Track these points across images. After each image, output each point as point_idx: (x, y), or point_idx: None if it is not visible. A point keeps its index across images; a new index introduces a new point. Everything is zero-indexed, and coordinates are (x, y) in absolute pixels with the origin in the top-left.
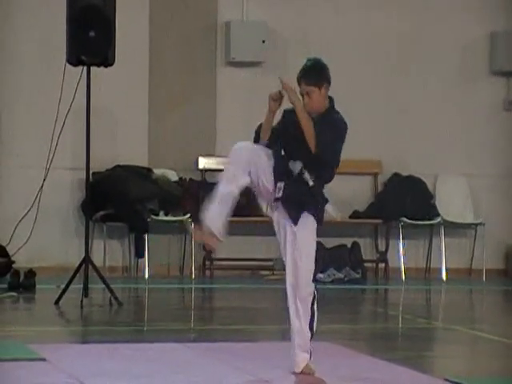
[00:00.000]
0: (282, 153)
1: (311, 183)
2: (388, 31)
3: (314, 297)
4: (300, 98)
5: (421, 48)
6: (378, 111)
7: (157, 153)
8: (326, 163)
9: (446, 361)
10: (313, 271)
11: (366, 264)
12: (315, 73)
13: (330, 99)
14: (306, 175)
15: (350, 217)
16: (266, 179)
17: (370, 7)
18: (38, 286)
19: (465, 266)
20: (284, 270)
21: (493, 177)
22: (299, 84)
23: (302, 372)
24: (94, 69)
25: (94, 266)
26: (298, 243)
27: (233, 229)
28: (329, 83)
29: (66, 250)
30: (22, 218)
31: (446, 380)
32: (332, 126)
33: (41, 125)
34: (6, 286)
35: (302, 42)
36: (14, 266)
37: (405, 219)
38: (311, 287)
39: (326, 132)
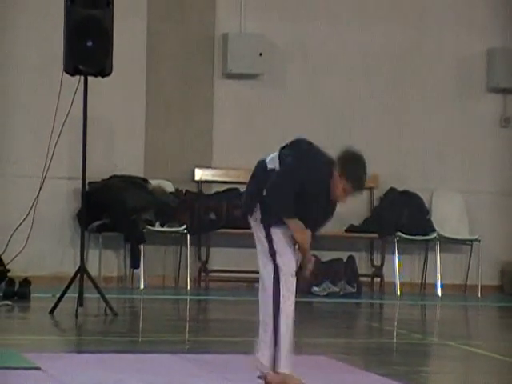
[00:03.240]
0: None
1: None
2: (386, 46)
3: None
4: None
5: (418, 63)
6: (374, 125)
7: (153, 163)
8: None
9: (441, 376)
10: None
11: (361, 278)
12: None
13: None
14: None
15: (346, 231)
16: None
17: (368, 22)
18: (32, 295)
19: (460, 282)
20: None
21: (489, 193)
22: (345, 181)
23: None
24: (91, 79)
25: (90, 276)
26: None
27: (228, 241)
28: None
29: (62, 260)
30: (18, 227)
31: None
32: None
33: (37, 134)
34: (1, 294)
35: (300, 54)
36: (9, 274)
37: (400, 234)
38: None
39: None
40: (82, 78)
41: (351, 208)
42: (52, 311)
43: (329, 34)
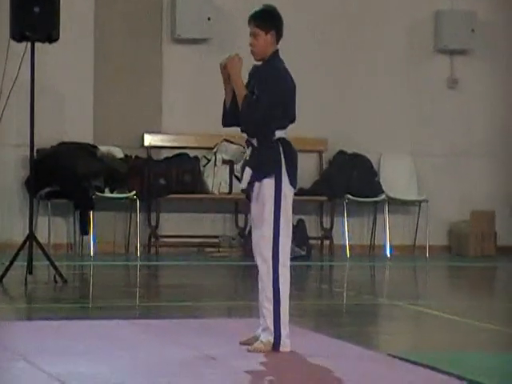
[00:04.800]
0: None
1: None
2: (335, 11)
3: None
4: (239, 67)
5: (367, 27)
6: (323, 89)
7: (102, 130)
8: (253, 122)
9: (390, 336)
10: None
11: (311, 241)
12: (265, 17)
13: (276, 50)
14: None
15: (296, 194)
16: None
17: None
18: None
19: (409, 243)
20: (229, 247)
21: (437, 155)
22: (249, 24)
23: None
24: (38, 45)
25: (39, 243)
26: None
27: (178, 206)
28: (277, 32)
29: (11, 228)
30: None
31: (390, 355)
32: (266, 81)
33: None
34: None
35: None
36: None
37: (349, 196)
38: None
39: (259, 91)
40: (29, 44)
41: (300, 171)
42: (1, 279)
43: None
